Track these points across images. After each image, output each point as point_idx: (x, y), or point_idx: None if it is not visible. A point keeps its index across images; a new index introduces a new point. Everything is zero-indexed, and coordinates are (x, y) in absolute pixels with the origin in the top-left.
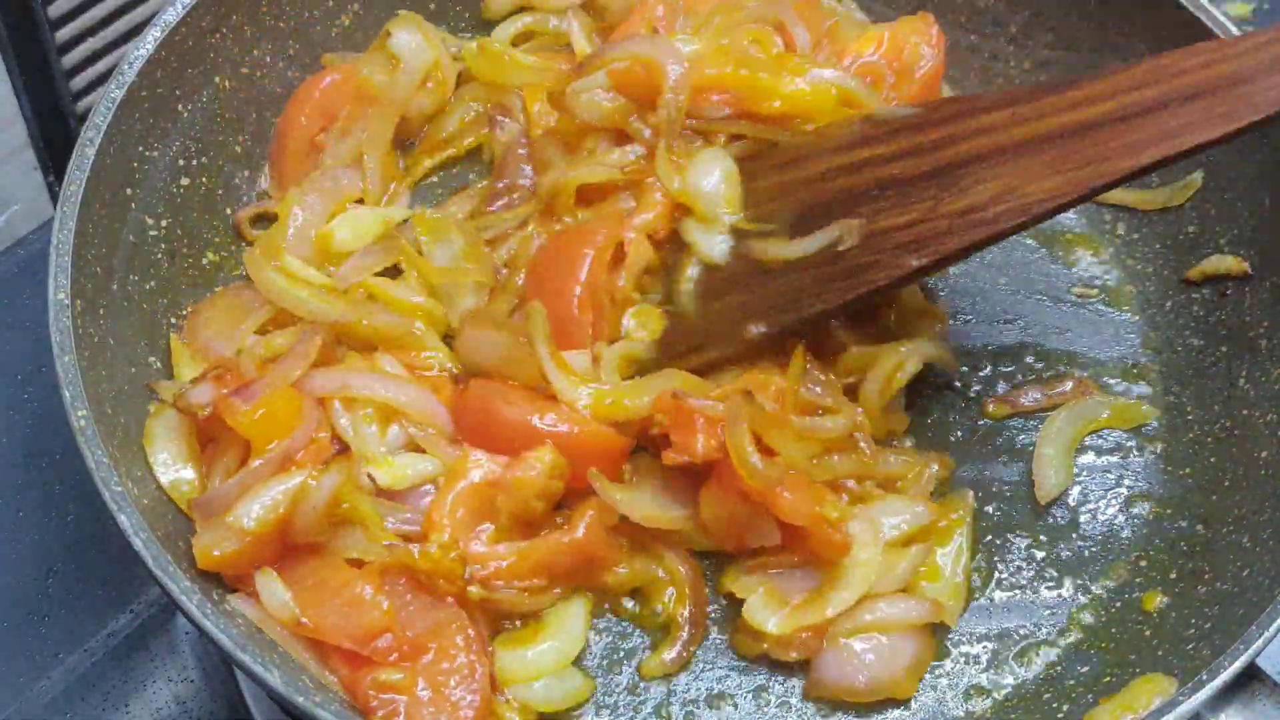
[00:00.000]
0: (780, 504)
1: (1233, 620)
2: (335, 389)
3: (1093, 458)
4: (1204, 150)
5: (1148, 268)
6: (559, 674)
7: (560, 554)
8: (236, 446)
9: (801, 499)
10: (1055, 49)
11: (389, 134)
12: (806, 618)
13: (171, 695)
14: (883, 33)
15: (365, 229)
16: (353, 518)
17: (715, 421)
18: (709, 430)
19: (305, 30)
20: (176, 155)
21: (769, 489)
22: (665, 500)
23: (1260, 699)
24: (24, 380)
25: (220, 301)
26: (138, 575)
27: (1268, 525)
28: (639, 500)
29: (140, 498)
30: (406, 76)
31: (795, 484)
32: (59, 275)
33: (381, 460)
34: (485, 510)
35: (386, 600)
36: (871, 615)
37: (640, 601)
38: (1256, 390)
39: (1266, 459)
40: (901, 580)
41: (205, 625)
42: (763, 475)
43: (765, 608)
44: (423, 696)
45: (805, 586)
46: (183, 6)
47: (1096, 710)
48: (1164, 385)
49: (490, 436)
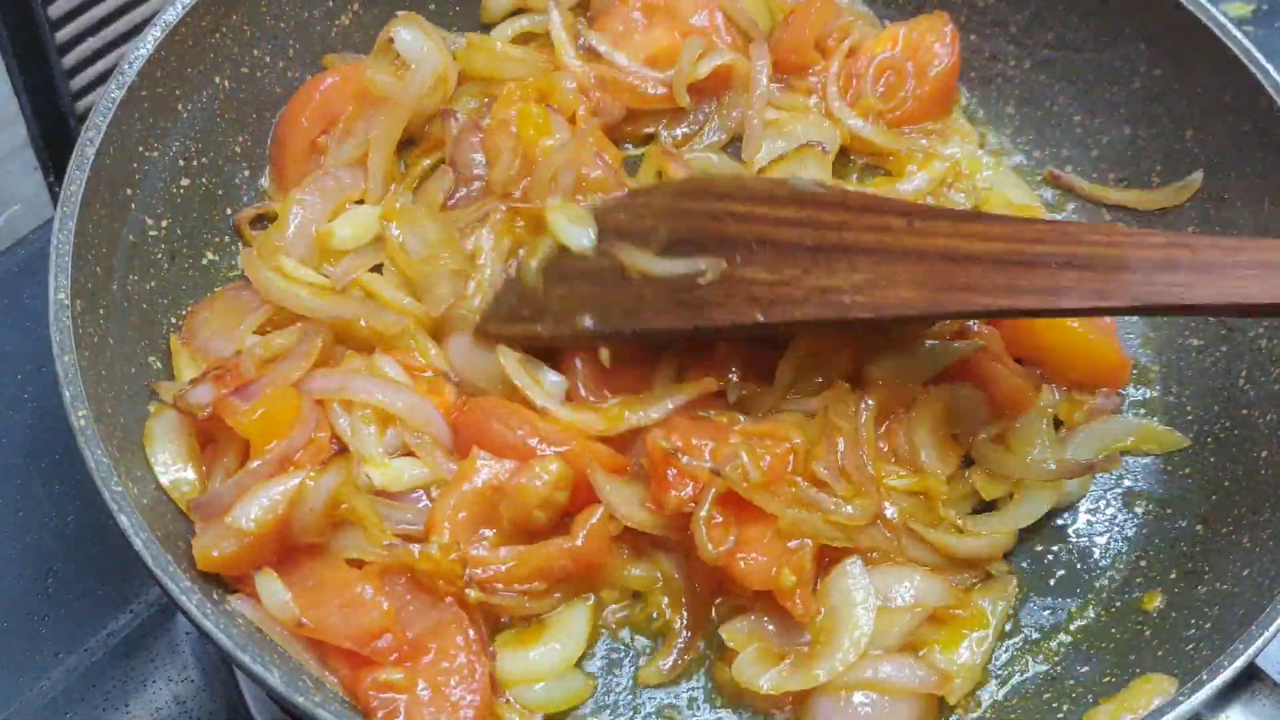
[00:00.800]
0: (734, 570)
1: (1233, 620)
2: (334, 391)
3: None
4: (1065, 315)
5: None
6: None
7: (560, 560)
8: (237, 447)
9: (757, 568)
10: (1055, 49)
11: (397, 135)
12: (796, 682)
13: (171, 695)
14: (898, 31)
15: (366, 227)
16: (352, 518)
17: (693, 480)
18: (680, 484)
19: (305, 30)
20: (176, 155)
21: (723, 563)
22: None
23: (1260, 699)
24: (24, 380)
25: (219, 302)
26: (138, 575)
27: (1268, 525)
28: (629, 498)
29: (140, 498)
30: (418, 80)
31: (763, 547)
32: (59, 275)
33: (379, 461)
34: (487, 515)
35: (387, 601)
36: (873, 673)
37: (639, 607)
38: (1256, 390)
39: (1266, 459)
40: (899, 641)
41: (205, 625)
42: (712, 556)
43: (756, 663)
44: (423, 696)
45: (798, 639)
46: (183, 6)
47: (1096, 710)
48: (1164, 385)
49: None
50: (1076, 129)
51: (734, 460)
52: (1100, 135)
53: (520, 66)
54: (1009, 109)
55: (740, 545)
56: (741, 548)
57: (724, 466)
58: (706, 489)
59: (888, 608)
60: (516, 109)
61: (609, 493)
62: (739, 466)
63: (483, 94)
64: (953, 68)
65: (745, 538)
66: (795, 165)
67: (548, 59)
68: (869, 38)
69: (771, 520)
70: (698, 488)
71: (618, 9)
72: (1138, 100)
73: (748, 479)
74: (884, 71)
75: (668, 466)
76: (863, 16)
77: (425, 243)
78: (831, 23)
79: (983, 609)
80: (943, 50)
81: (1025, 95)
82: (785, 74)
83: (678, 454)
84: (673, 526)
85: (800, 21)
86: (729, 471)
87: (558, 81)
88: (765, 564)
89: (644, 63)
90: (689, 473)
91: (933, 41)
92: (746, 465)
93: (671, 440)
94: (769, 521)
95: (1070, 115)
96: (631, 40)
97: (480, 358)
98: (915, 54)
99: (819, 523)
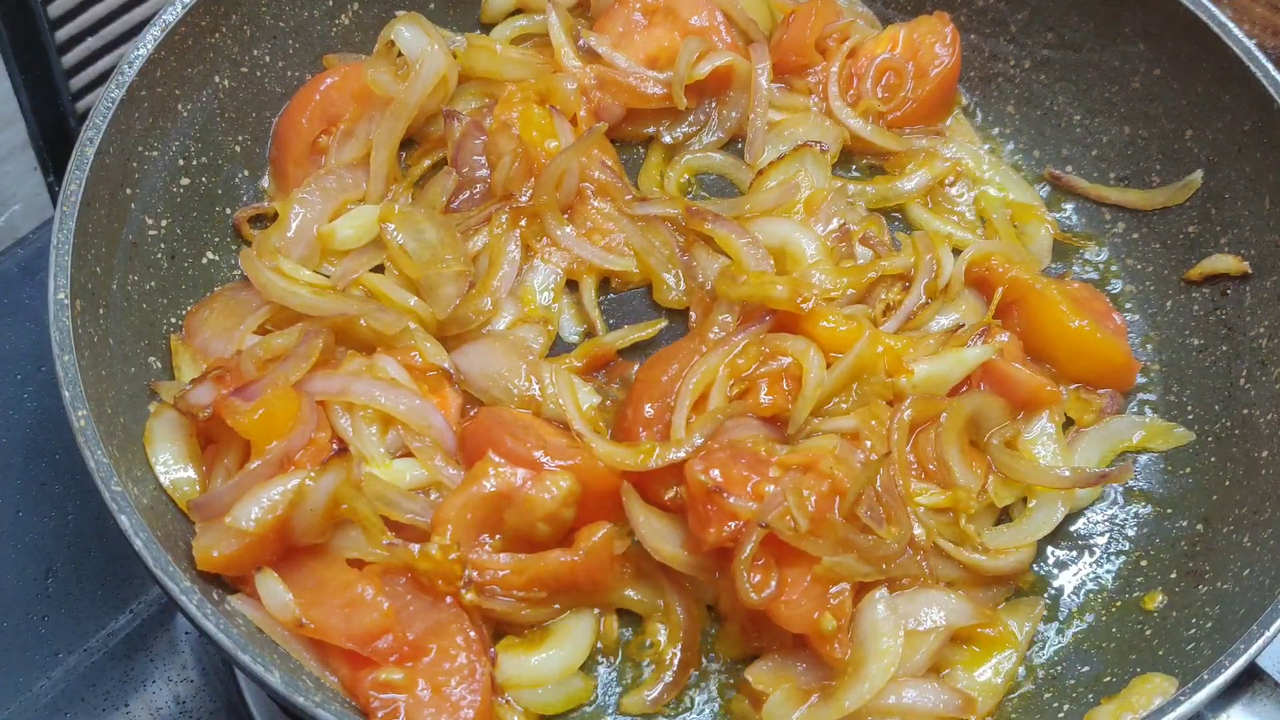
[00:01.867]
0: (778, 614)
1: (1233, 620)
2: (335, 393)
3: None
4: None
5: (1148, 268)
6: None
7: (559, 571)
8: (238, 447)
9: (799, 612)
10: (1055, 49)
11: (400, 135)
12: (824, 715)
13: (171, 695)
14: (898, 32)
15: (368, 228)
16: (352, 518)
17: (734, 517)
18: (719, 520)
19: (305, 30)
20: (176, 155)
21: (765, 606)
22: (689, 544)
23: (1261, 699)
24: (24, 380)
25: (219, 301)
26: (138, 575)
27: (1268, 525)
28: (661, 533)
29: (140, 498)
30: (422, 81)
31: (803, 590)
32: (59, 275)
33: (381, 462)
34: (492, 520)
35: (387, 601)
36: (896, 699)
37: (634, 630)
38: (1256, 390)
39: (1266, 459)
40: (925, 664)
41: (205, 625)
42: (755, 602)
43: (786, 703)
44: (423, 696)
45: (824, 674)
46: (183, 6)
47: (1097, 710)
48: (1164, 385)
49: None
50: (1076, 129)
51: (779, 505)
52: (1100, 135)
53: (521, 67)
54: (1009, 109)
55: (781, 588)
56: (782, 591)
57: (770, 515)
58: (750, 533)
59: (915, 631)
60: (519, 111)
61: (641, 524)
62: (785, 513)
63: (483, 94)
64: (953, 68)
65: (785, 579)
66: (794, 165)
67: (547, 59)
68: (869, 38)
69: (812, 561)
70: (739, 525)
71: (617, 10)
72: (1138, 100)
73: (796, 527)
74: (884, 72)
75: (708, 503)
76: (863, 17)
77: (425, 244)
78: (832, 23)
79: (1011, 630)
80: (943, 51)
81: (1025, 95)
82: (786, 74)
83: (720, 491)
84: (704, 568)
85: (800, 22)
86: (775, 521)
87: (559, 83)
88: (807, 608)
89: (644, 63)
90: (731, 512)
91: (933, 42)
92: (794, 512)
93: (712, 476)
94: (809, 562)
95: (1070, 115)
96: (631, 41)
97: (493, 368)
98: (916, 54)
99: (856, 563)
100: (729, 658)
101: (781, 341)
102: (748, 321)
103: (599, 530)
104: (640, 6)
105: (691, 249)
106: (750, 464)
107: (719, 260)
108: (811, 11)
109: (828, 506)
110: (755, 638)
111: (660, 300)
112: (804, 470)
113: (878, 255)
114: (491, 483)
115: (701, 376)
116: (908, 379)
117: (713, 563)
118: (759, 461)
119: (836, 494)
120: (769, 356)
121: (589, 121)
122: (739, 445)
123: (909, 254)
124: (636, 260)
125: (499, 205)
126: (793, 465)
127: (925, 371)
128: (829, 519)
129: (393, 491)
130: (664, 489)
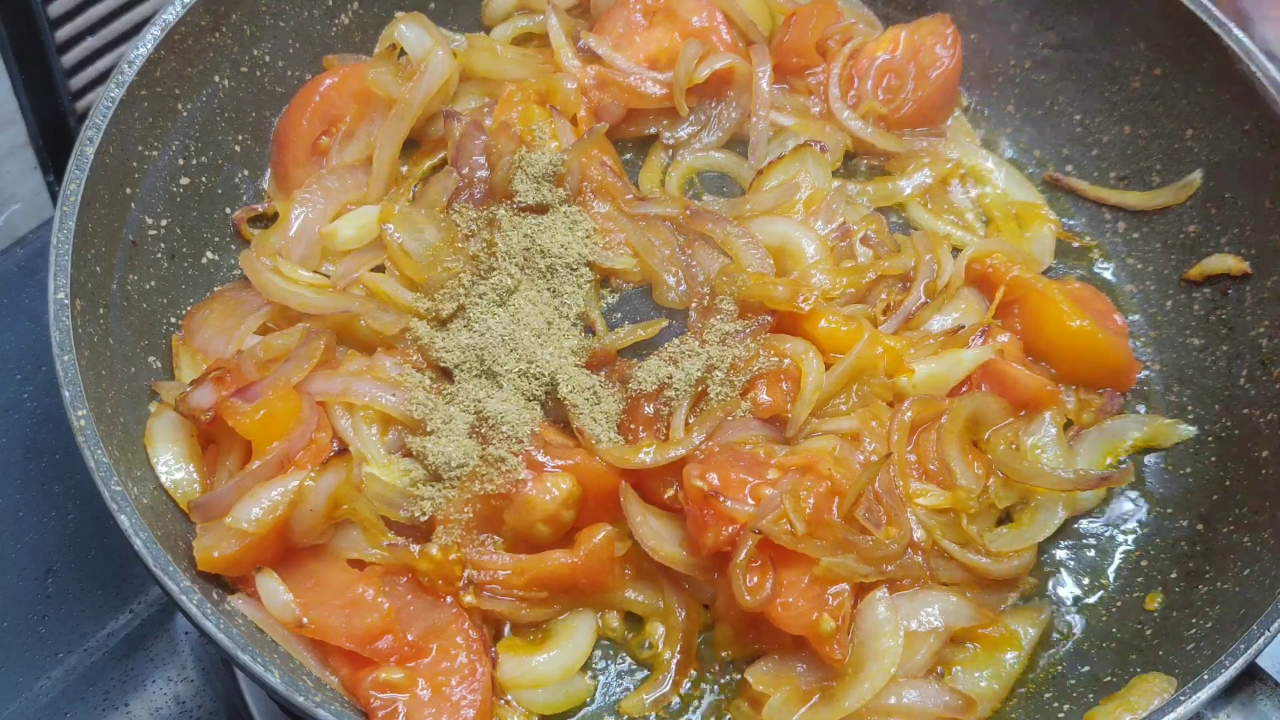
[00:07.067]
0: (775, 615)
1: (1233, 620)
2: (336, 394)
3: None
4: None
5: (1148, 267)
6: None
7: (559, 572)
8: (239, 448)
9: (797, 613)
10: (1055, 48)
11: (403, 136)
12: (824, 716)
13: (171, 695)
14: (899, 34)
15: (369, 228)
16: (352, 518)
17: (731, 521)
18: (717, 524)
19: (305, 30)
20: (176, 155)
21: (762, 608)
22: (687, 544)
23: (1261, 699)
24: (24, 380)
25: (219, 301)
26: (138, 575)
27: (1268, 525)
28: (660, 533)
29: (140, 498)
30: (426, 82)
31: (801, 591)
32: (59, 275)
33: (381, 461)
34: (493, 521)
35: (387, 601)
36: (896, 699)
37: (633, 630)
38: (1257, 390)
39: (1266, 459)
40: (925, 664)
41: (205, 625)
42: (751, 604)
43: (787, 705)
44: (423, 696)
45: (824, 674)
46: (183, 6)
47: (1097, 710)
48: (1164, 385)
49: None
50: (1076, 128)
51: (775, 509)
52: (1100, 134)
53: (521, 67)
54: (1009, 108)
55: (777, 590)
56: (779, 592)
57: (765, 519)
58: (745, 537)
59: (915, 632)
60: (519, 111)
61: (640, 524)
62: (782, 516)
63: (483, 94)
64: (954, 69)
65: (782, 581)
66: (795, 164)
67: (548, 59)
68: (870, 40)
69: (810, 562)
70: (737, 529)
71: (618, 11)
72: (1138, 100)
73: (793, 530)
74: (885, 74)
75: (706, 507)
76: (864, 18)
77: (425, 244)
78: (833, 25)
79: (1015, 632)
80: (944, 52)
81: (1025, 94)
82: (787, 75)
83: (717, 495)
84: (702, 568)
85: (801, 24)
86: (770, 525)
87: (559, 83)
88: (805, 609)
89: (644, 64)
90: (729, 516)
91: (934, 44)
92: (791, 515)
93: (709, 480)
94: (807, 564)
95: (1070, 114)
96: (631, 41)
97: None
98: (916, 56)
99: (855, 563)
100: (729, 659)
101: (781, 343)
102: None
103: (599, 532)
104: (640, 7)
105: (691, 249)
106: (749, 466)
107: (719, 260)
108: (812, 13)
109: (826, 508)
110: (754, 639)
111: (660, 300)
112: (803, 472)
113: (878, 255)
114: (493, 483)
115: (701, 376)
116: (908, 379)
117: (711, 563)
118: (757, 464)
119: (835, 495)
120: (768, 357)
121: (589, 121)
122: (737, 448)
123: (909, 254)
124: (636, 260)
125: (499, 206)
126: (791, 467)
127: (925, 372)
128: (827, 520)
129: (393, 491)
130: (664, 488)
